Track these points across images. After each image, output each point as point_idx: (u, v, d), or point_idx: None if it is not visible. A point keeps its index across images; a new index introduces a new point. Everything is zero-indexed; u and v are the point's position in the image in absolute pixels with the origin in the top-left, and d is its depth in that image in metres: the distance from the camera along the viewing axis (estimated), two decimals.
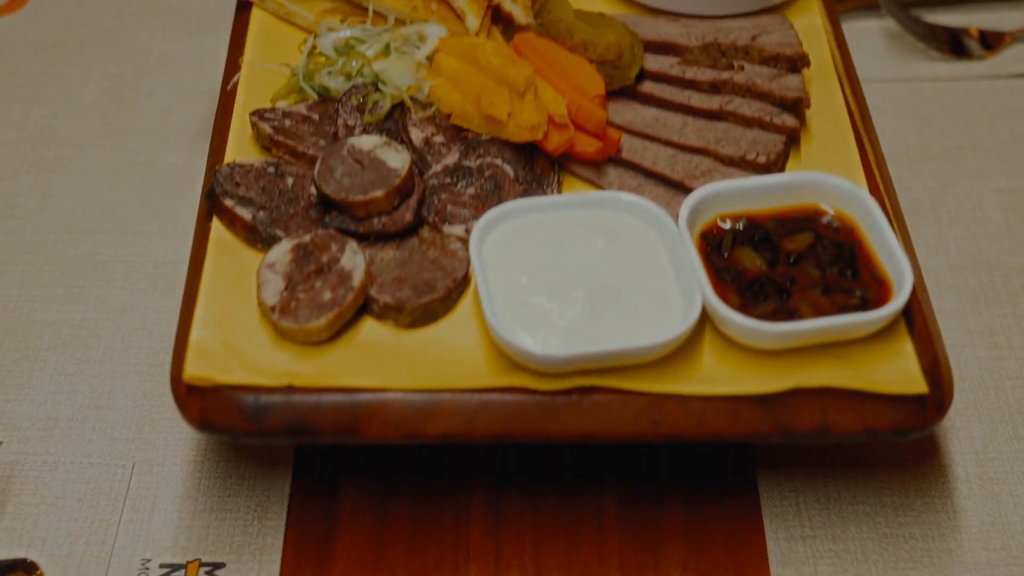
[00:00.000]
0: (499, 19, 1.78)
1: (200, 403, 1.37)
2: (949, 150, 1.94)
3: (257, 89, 1.69)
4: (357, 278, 1.43)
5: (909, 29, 2.09)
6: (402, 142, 1.61)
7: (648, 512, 1.52)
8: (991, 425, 1.61)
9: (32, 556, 1.47)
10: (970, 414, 1.62)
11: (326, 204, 1.52)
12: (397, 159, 1.52)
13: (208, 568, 1.48)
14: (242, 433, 1.37)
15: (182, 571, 1.47)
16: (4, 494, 1.53)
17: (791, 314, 1.40)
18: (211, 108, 1.98)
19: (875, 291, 1.43)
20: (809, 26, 1.82)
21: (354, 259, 1.45)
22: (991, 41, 2.08)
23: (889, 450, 1.57)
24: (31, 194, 1.88)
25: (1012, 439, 1.59)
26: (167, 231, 1.83)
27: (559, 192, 1.58)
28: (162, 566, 1.47)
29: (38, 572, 1.45)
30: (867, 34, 2.12)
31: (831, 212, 1.52)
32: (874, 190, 1.58)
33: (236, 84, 1.70)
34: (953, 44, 2.08)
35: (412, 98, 1.64)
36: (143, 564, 1.48)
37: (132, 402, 1.62)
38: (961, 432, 1.60)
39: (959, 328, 1.71)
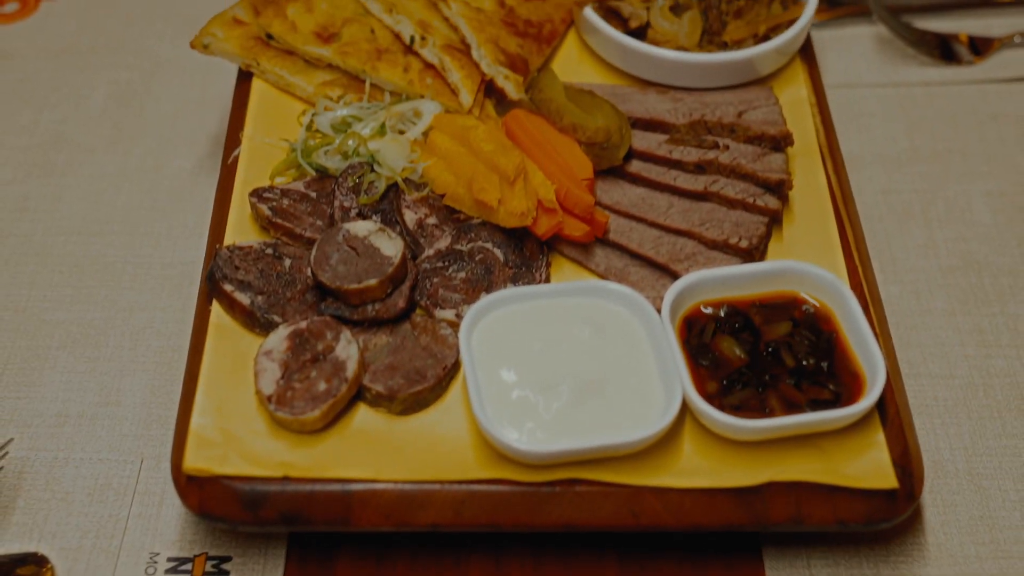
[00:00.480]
0: (492, 92, 1.80)
1: (199, 493, 1.40)
2: (939, 153, 1.95)
3: (257, 162, 1.72)
4: (351, 368, 1.45)
5: (900, 35, 2.09)
6: (396, 223, 1.62)
7: None
8: (980, 422, 1.61)
9: (43, 550, 1.48)
10: (960, 411, 1.62)
11: (322, 290, 1.53)
12: (391, 247, 1.53)
13: (215, 562, 1.48)
14: (239, 522, 1.40)
15: (189, 564, 1.48)
16: (15, 489, 1.53)
17: (766, 405, 1.44)
18: (218, 113, 1.99)
19: (849, 384, 1.46)
20: (795, 99, 1.83)
21: (348, 349, 1.47)
22: (980, 47, 2.09)
23: None
24: (42, 197, 1.88)
25: (1001, 435, 1.60)
26: (175, 233, 1.83)
27: (547, 274, 1.60)
28: (170, 560, 1.48)
29: (48, 566, 1.45)
30: (859, 40, 2.13)
31: (810, 300, 1.54)
32: (852, 272, 1.61)
33: (237, 158, 1.72)
34: (943, 50, 2.09)
35: (406, 179, 1.65)
36: (151, 558, 1.48)
37: (140, 399, 1.63)
38: (951, 429, 1.60)
39: (949, 327, 1.71)
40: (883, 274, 1.77)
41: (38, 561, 1.45)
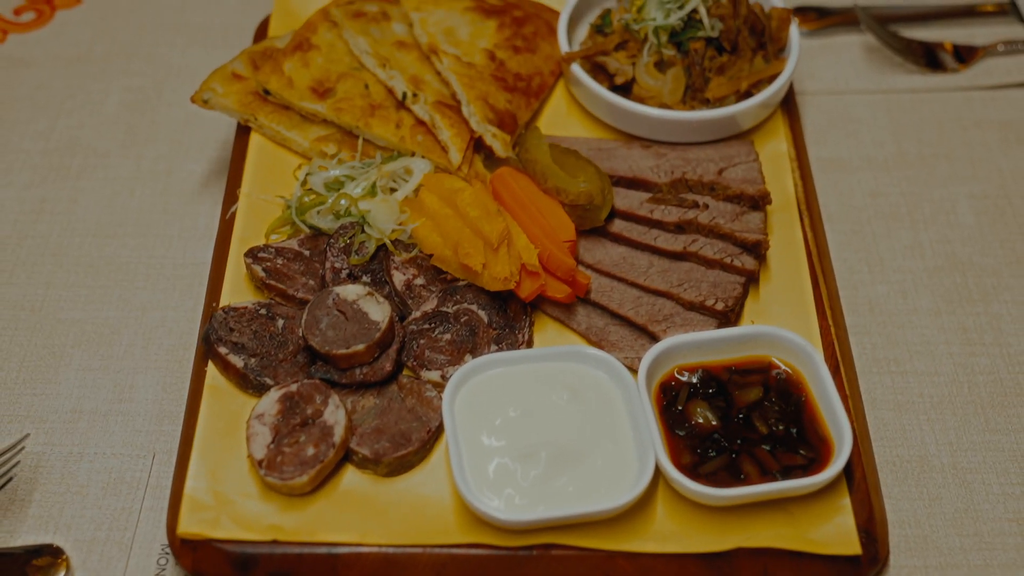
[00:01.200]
0: (481, 148, 1.79)
1: (192, 555, 1.41)
2: (925, 158, 1.94)
3: (255, 216, 1.72)
4: (338, 434, 1.45)
5: (887, 44, 2.09)
6: (385, 283, 1.62)
7: None
8: (964, 418, 1.61)
9: (58, 542, 1.47)
10: (944, 408, 1.62)
11: (312, 353, 1.53)
12: (378, 312, 1.53)
13: None
14: None
15: None
16: (31, 483, 1.53)
17: (741, 471, 1.44)
18: (226, 117, 1.98)
19: (818, 447, 1.46)
20: (775, 153, 1.83)
21: (336, 414, 1.47)
22: (964, 55, 2.08)
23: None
24: (58, 200, 1.88)
25: (984, 431, 1.59)
26: (186, 234, 1.82)
27: (530, 334, 1.60)
28: None
29: (63, 557, 1.45)
30: (848, 48, 2.12)
31: (782, 365, 1.54)
32: (825, 332, 1.61)
33: (234, 215, 1.73)
34: (929, 58, 2.08)
35: (395, 240, 1.65)
36: (163, 549, 1.48)
37: (152, 396, 1.62)
38: (936, 425, 1.60)
39: (934, 326, 1.71)
40: (871, 274, 1.76)
41: (53, 552, 1.45)
